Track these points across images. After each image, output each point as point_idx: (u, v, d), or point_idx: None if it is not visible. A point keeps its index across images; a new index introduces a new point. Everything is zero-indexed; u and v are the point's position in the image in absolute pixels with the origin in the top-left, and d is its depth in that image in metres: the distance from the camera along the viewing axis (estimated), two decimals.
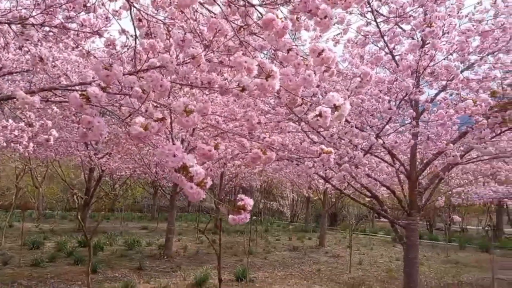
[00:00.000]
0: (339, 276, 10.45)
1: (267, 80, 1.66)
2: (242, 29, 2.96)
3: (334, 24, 4.66)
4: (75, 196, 8.74)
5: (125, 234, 15.84)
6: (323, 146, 2.16)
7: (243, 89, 2.07)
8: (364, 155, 4.77)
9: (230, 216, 1.72)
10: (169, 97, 5.51)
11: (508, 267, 13.28)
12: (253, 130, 2.34)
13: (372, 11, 4.25)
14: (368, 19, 4.58)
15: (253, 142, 3.45)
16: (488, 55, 5.27)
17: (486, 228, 20.69)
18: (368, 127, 5.03)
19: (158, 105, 3.36)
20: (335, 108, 1.64)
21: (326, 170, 5.99)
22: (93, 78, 2.63)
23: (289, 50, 2.02)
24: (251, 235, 14.86)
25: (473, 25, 3.73)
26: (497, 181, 9.68)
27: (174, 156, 1.74)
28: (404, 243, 5.86)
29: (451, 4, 3.98)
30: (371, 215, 26.66)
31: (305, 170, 3.61)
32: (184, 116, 1.96)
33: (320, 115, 1.68)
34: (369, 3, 4.11)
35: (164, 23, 3.13)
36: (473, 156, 6.20)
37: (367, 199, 8.59)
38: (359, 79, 2.05)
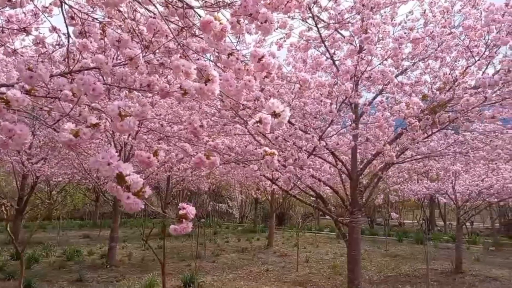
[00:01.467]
0: (287, 275, 10.63)
1: (206, 85, 1.62)
2: (183, 30, 2.89)
3: (276, 29, 4.72)
4: (3, 207, 8.01)
5: (64, 244, 14.87)
6: (266, 149, 2.16)
7: (185, 93, 2.01)
8: (308, 156, 4.89)
9: (171, 226, 1.65)
10: (109, 100, 5.25)
11: (440, 257, 14.36)
12: (196, 134, 2.28)
13: (313, 17, 4.37)
14: (309, 24, 4.70)
15: (198, 146, 3.39)
16: (419, 61, 5.65)
17: (421, 222, 22.23)
18: (311, 129, 5.16)
19: (94, 109, 3.17)
20: (275, 115, 1.64)
21: (272, 172, 6.07)
22: (18, 79, 2.42)
23: (230, 54, 2.00)
24: (200, 239, 14.66)
25: (405, 33, 3.98)
26: (429, 178, 10.44)
27: (109, 164, 1.64)
28: (347, 240, 6.09)
29: (385, 13, 4.21)
30: (317, 214, 27.55)
31: (251, 173, 3.62)
32: (119, 120, 1.85)
33: (260, 121, 1.68)
34: (310, 9, 4.22)
35: (100, 22, 2.96)
36: (408, 155, 6.60)
37: (312, 198, 8.84)
38: (298, 85, 2.07)
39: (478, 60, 4.57)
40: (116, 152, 1.66)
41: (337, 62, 5.09)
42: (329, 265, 12.29)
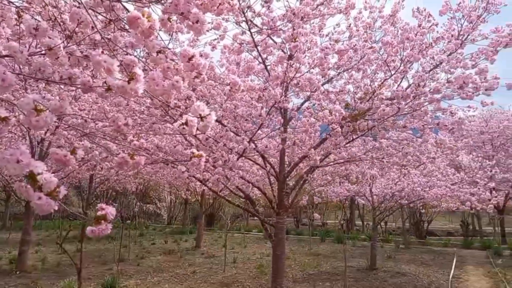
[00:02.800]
0: (213, 276, 10.62)
1: (129, 83, 1.57)
2: (110, 23, 2.76)
3: (210, 30, 4.71)
4: None
5: None
6: (194, 150, 2.15)
7: (109, 89, 1.92)
8: (238, 158, 4.95)
9: (88, 228, 1.57)
10: (25, 92, 4.80)
11: (357, 255, 15.41)
12: (120, 132, 2.19)
13: (246, 21, 4.45)
14: (243, 28, 4.77)
15: (124, 145, 3.25)
16: (343, 71, 6.03)
17: (342, 222, 23.65)
18: (242, 132, 5.23)
19: (5, 102, 2.90)
20: (201, 118, 1.64)
21: (203, 172, 6.04)
22: None
23: (158, 52, 1.96)
24: (124, 241, 14.02)
25: (330, 44, 4.23)
26: (350, 181, 11.17)
27: (18, 162, 1.52)
28: (273, 240, 6.27)
29: (313, 24, 4.43)
30: (246, 214, 27.90)
31: (179, 174, 3.56)
32: (34, 115, 1.72)
33: (186, 123, 1.67)
34: (243, 13, 4.29)
35: (16, 7, 2.72)
36: (331, 159, 7.00)
37: (242, 200, 8.94)
38: (228, 87, 2.10)
39: (394, 74, 5.01)
40: (30, 148, 1.53)
41: (268, 67, 5.23)
42: (255, 265, 12.52)
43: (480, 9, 5.09)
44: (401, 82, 5.40)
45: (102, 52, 2.00)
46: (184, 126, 1.71)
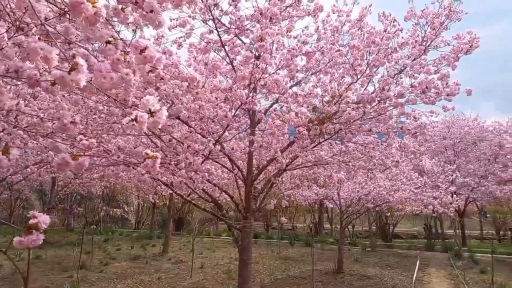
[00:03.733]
0: (180, 282, 10.35)
1: (69, 74, 1.42)
2: (65, 14, 2.58)
3: (176, 27, 4.56)
4: None
5: None
6: (148, 151, 2.01)
7: (54, 83, 1.76)
8: (203, 161, 4.81)
9: (16, 238, 1.40)
10: None
11: (325, 258, 15.54)
12: (67, 132, 2.02)
13: (213, 19, 4.34)
14: (210, 26, 4.66)
15: (74, 144, 3.04)
16: (312, 74, 6.03)
17: (310, 225, 23.84)
18: (209, 133, 5.10)
19: None
20: (151, 113, 1.52)
21: (170, 175, 5.84)
22: None
23: (107, 42, 1.82)
24: (88, 247, 13.47)
25: (297, 45, 4.20)
26: (318, 184, 11.24)
27: None
28: (240, 245, 6.15)
29: (281, 26, 4.39)
30: (216, 219, 27.56)
31: (138, 177, 3.38)
32: None
33: (136, 119, 1.54)
34: (210, 11, 4.18)
35: None
36: (299, 162, 6.97)
37: (210, 204, 8.77)
38: (186, 83, 1.98)
39: (360, 77, 5.05)
40: None
41: (236, 68, 5.13)
42: (224, 270, 12.34)
43: (443, 17, 5.23)
44: (367, 86, 5.45)
45: (40, 39, 1.83)
46: (134, 122, 1.58)
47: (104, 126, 4.94)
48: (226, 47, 5.14)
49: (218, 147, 4.56)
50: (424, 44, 5.44)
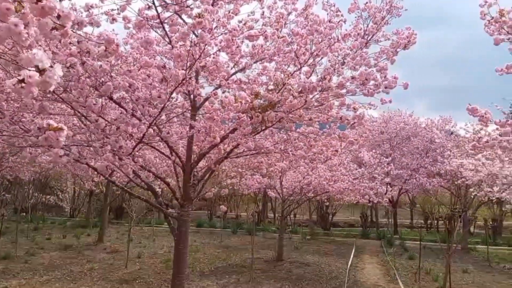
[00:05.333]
0: (114, 273, 9.88)
1: None
2: None
3: None
4: None
5: None
6: (51, 121, 1.73)
7: None
8: (136, 145, 4.50)
9: None
10: None
11: (267, 247, 15.75)
12: None
13: None
14: (148, 1, 4.31)
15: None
16: (256, 62, 5.88)
17: (254, 214, 24.04)
18: (145, 116, 4.78)
19: None
20: (39, 72, 1.26)
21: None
22: None
23: None
24: (13, 236, 12.42)
25: (239, 26, 4.02)
26: (261, 174, 11.25)
27: None
28: (176, 234, 5.92)
29: (226, 12, 4.16)
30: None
31: (55, 159, 3.03)
32: None
33: (23, 80, 1.27)
34: None
35: None
36: (240, 150, 6.85)
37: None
38: (103, 47, 1.73)
39: (303, 66, 5.00)
40: None
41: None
42: (162, 259, 12.01)
43: (384, 11, 5.32)
44: (310, 76, 5.43)
45: None
46: (21, 84, 1.31)
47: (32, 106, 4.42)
48: (166, 26, 4.83)
49: (153, 130, 4.27)
50: (365, 37, 5.52)
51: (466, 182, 12.28)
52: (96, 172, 6.21)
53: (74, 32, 3.12)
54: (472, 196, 14.96)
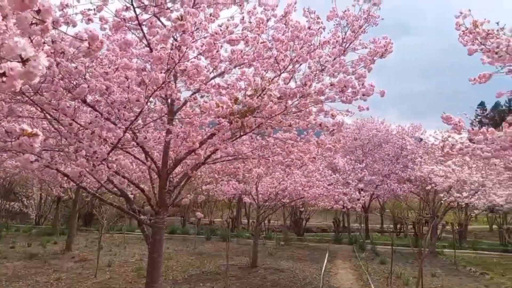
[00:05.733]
0: (82, 283, 9.48)
1: None
2: None
3: None
4: None
5: None
6: (24, 126, 1.61)
7: None
8: (111, 150, 4.33)
9: None
10: None
11: (241, 253, 15.62)
12: None
13: None
14: (126, 2, 4.18)
15: None
16: (235, 67, 5.84)
17: (228, 220, 23.86)
18: (121, 120, 4.61)
19: None
20: (23, 62, 1.16)
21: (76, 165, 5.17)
22: None
23: None
24: None
25: (221, 30, 3.97)
26: (237, 179, 11.17)
27: None
28: (150, 241, 5.74)
29: (206, 15, 4.10)
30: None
31: (25, 164, 2.84)
32: None
33: (4, 74, 1.16)
34: None
35: None
36: (218, 156, 6.76)
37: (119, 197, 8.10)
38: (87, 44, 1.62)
39: (283, 72, 5.00)
40: None
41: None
42: (134, 268, 11.66)
43: (362, 20, 5.42)
44: (289, 82, 5.44)
45: None
46: (3, 78, 1.20)
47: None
48: (144, 28, 4.70)
49: (129, 135, 4.13)
50: (344, 45, 5.60)
51: (435, 188, 12.68)
52: (66, 178, 5.95)
53: (55, 28, 2.97)
54: (440, 202, 15.46)
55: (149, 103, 4.40)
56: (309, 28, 5.03)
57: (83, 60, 4.01)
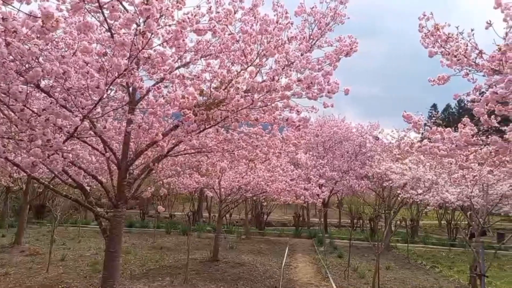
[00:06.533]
0: (32, 278, 8.99)
1: None
2: None
3: None
4: None
5: None
6: None
7: None
8: (67, 139, 4.09)
9: None
10: None
11: (202, 247, 15.50)
12: None
13: None
14: None
15: None
16: (201, 57, 5.71)
17: (189, 214, 23.58)
18: (78, 108, 4.36)
19: None
20: None
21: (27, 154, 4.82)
22: None
23: None
24: None
25: (188, 18, 3.84)
26: (200, 173, 11.01)
27: None
28: (107, 236, 5.52)
29: (172, 1, 3.93)
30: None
31: None
32: None
33: None
34: None
35: None
36: (182, 148, 6.61)
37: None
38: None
39: (250, 66, 4.94)
40: None
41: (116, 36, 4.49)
42: (89, 262, 11.23)
43: (329, 17, 5.47)
44: (256, 76, 5.39)
45: None
46: None
47: None
48: (105, 11, 4.47)
49: (86, 124, 3.91)
50: (310, 41, 5.63)
51: (392, 184, 13.18)
52: (16, 168, 5.57)
53: (6, 5, 2.73)
54: (396, 198, 16.13)
55: (109, 91, 4.19)
56: (277, 22, 5.00)
57: (37, 41, 3.74)
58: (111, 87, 4.52)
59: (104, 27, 4.95)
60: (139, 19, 3.77)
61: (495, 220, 17.95)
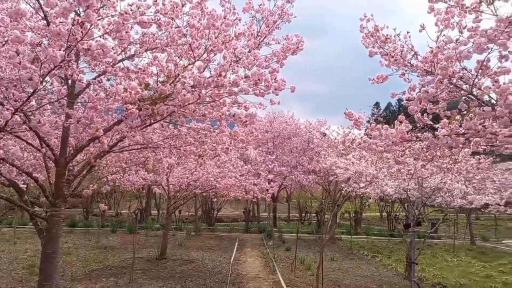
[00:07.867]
0: None
1: None
2: None
3: None
4: None
5: None
6: None
7: None
8: None
9: None
10: None
11: (149, 245, 15.11)
12: None
13: None
14: None
15: None
16: (147, 50, 5.54)
17: (136, 211, 22.86)
18: (10, 101, 4.04)
19: None
20: None
21: None
22: None
23: None
24: None
25: (131, 10, 3.71)
26: (147, 169, 10.72)
27: None
28: (44, 236, 5.21)
29: None
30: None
31: None
32: None
33: None
34: None
35: None
36: (126, 144, 6.39)
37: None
38: None
39: (197, 60, 4.89)
40: None
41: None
42: (25, 265, 10.52)
43: (276, 15, 5.55)
44: (203, 71, 5.34)
45: None
46: None
47: None
48: None
49: (19, 118, 3.65)
50: (258, 38, 5.68)
51: (337, 179, 13.72)
52: None
53: None
54: (340, 192, 16.80)
55: (45, 83, 3.94)
56: (225, 17, 4.99)
57: None
58: (47, 79, 4.26)
59: (39, 14, 4.64)
60: (78, 8, 3.59)
61: (429, 211, 19.37)
